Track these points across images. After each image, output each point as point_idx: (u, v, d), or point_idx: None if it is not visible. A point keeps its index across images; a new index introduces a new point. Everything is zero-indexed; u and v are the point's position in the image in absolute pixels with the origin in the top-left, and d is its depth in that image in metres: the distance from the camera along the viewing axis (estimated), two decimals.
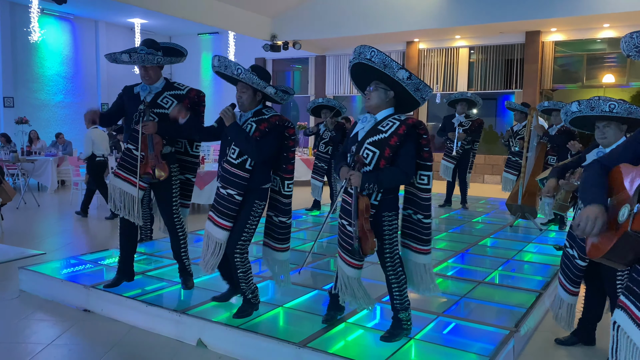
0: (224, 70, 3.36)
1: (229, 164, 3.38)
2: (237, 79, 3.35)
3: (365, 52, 2.99)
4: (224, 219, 3.41)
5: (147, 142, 3.75)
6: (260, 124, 3.37)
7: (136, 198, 3.82)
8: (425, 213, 3.13)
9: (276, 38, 14.15)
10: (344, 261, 3.10)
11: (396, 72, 2.93)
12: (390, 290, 3.19)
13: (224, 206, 3.40)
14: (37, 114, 13.66)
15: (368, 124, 3.08)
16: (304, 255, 5.23)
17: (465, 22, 12.09)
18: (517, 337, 3.24)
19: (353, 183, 2.92)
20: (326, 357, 2.92)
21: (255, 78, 3.30)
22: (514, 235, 6.34)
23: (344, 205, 3.09)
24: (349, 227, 3.00)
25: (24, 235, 6.65)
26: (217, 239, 3.44)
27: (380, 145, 2.97)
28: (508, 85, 13.29)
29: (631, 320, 1.75)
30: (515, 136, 7.53)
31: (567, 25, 11.95)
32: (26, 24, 12.24)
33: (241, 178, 3.36)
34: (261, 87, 3.35)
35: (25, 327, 3.71)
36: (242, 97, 3.41)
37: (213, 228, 3.45)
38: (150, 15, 13.75)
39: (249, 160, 3.36)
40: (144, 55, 3.76)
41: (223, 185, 3.40)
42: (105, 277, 4.38)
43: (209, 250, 3.47)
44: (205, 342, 3.37)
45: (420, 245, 3.18)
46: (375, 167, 2.98)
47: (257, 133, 3.34)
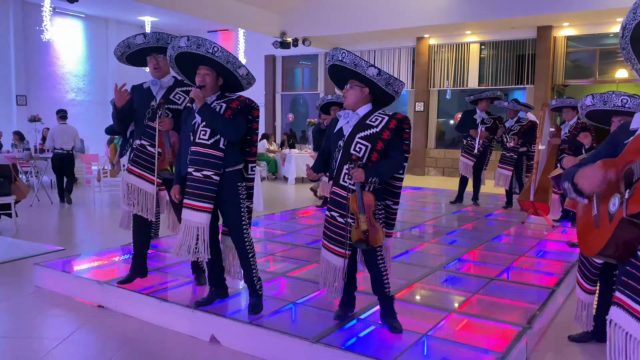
0: (196, 49, 3.26)
1: (201, 146, 3.30)
2: (212, 58, 3.26)
3: (337, 54, 3.13)
4: (204, 201, 3.30)
5: (163, 138, 3.77)
6: (231, 103, 3.36)
7: (151, 195, 3.84)
8: (395, 200, 3.34)
9: (286, 35, 14.16)
10: (331, 251, 3.17)
11: (366, 69, 3.08)
12: (380, 280, 3.21)
13: (202, 189, 3.30)
14: (50, 112, 13.75)
15: (352, 120, 3.17)
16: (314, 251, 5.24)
17: (475, 17, 12.01)
18: (530, 334, 3.23)
19: (357, 179, 3.00)
20: (339, 353, 2.93)
21: (232, 56, 3.28)
22: (526, 232, 6.30)
23: (335, 199, 3.16)
24: (340, 219, 3.12)
25: (38, 232, 6.72)
26: (199, 223, 3.32)
27: (372, 139, 3.09)
28: (519, 81, 13.19)
29: (630, 315, 1.72)
30: (508, 132, 7.53)
31: (579, 19, 11.83)
32: (38, 23, 12.36)
33: (216, 157, 3.30)
34: (236, 67, 3.32)
35: (40, 322, 3.76)
36: (205, 79, 3.35)
37: (192, 214, 3.33)
38: (161, 13, 13.81)
39: (222, 140, 3.32)
40: (159, 34, 3.79)
41: (197, 168, 3.31)
42: (118, 273, 4.42)
43: (188, 236, 3.33)
44: (218, 338, 3.39)
45: (387, 229, 3.33)
46: (367, 161, 3.08)
47: (229, 112, 3.32)
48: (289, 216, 7.29)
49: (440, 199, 8.98)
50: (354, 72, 3.12)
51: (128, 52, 3.97)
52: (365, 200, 3.04)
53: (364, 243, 3.06)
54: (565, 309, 4.05)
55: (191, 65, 3.42)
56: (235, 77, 3.41)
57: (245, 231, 3.43)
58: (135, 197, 3.86)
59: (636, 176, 1.70)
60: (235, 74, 3.36)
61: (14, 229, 6.69)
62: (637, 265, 1.72)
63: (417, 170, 14.47)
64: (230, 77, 3.42)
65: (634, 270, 1.72)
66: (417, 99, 14.46)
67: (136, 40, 3.81)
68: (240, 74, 3.37)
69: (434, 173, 14.52)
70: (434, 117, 14.74)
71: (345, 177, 3.10)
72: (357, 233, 3.07)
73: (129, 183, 3.88)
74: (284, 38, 14.13)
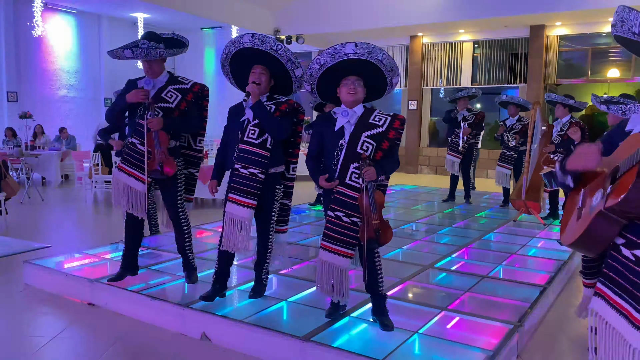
0: (260, 45, 3.36)
1: (249, 145, 3.42)
2: (273, 54, 3.37)
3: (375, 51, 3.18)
4: (249, 197, 3.41)
5: (153, 138, 3.75)
6: (280, 105, 3.48)
7: (141, 193, 3.82)
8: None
9: (279, 32, 14.13)
10: (337, 252, 3.12)
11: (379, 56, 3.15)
12: (375, 279, 3.22)
13: (248, 185, 3.41)
14: (41, 108, 13.66)
15: (353, 118, 3.16)
16: (306, 249, 5.24)
17: (469, 16, 12.04)
18: (521, 332, 3.24)
19: (370, 177, 3.01)
20: (330, 351, 2.93)
21: (293, 55, 3.40)
22: (517, 230, 6.33)
23: (340, 198, 3.11)
24: (346, 219, 3.10)
25: (28, 229, 6.67)
26: (243, 218, 3.42)
27: (378, 139, 3.11)
28: (512, 79, 13.24)
29: (609, 305, 1.76)
30: (509, 130, 7.53)
31: (571, 19, 11.88)
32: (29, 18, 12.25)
33: (263, 157, 3.42)
34: (295, 67, 3.44)
35: (29, 320, 3.73)
36: (260, 78, 3.45)
37: (237, 209, 3.42)
38: (153, 10, 13.73)
39: (269, 140, 3.44)
40: (147, 50, 3.75)
41: (244, 166, 3.41)
42: (109, 271, 4.40)
43: (235, 231, 3.41)
44: (209, 336, 3.38)
45: None
46: (372, 159, 3.10)
47: (277, 113, 3.44)
48: None
49: (433, 197, 9.00)
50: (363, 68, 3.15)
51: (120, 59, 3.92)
52: (377, 198, 3.06)
53: (376, 242, 3.06)
54: (556, 307, 4.07)
55: (243, 65, 3.51)
56: (287, 79, 3.52)
57: (272, 229, 3.62)
58: (125, 195, 3.83)
59: (621, 172, 1.73)
60: (291, 74, 3.48)
61: (3, 226, 6.63)
62: (617, 258, 1.76)
63: (410, 168, 14.49)
64: (282, 80, 3.53)
65: (614, 263, 1.76)
66: (410, 97, 14.48)
67: (125, 54, 3.78)
68: (296, 75, 3.49)
69: (427, 171, 14.56)
70: (427, 116, 14.77)
71: (353, 175, 3.07)
72: (368, 232, 3.05)
73: (119, 180, 3.85)
74: (278, 35, 14.09)
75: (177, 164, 3.94)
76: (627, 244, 1.72)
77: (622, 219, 1.71)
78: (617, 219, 1.71)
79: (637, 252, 1.69)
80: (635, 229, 1.71)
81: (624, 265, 1.73)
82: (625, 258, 1.72)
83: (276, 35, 14.04)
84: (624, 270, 1.73)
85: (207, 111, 4.08)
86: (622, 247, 1.73)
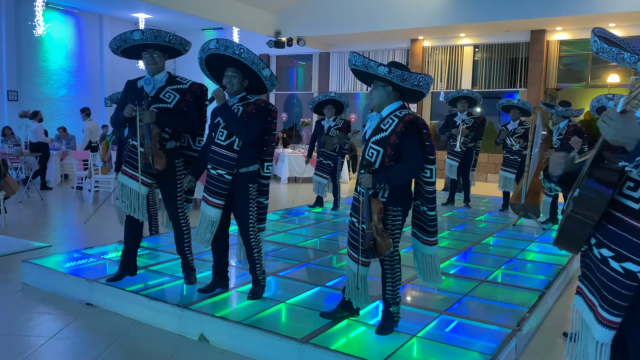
0: (224, 50, 3.45)
1: (218, 146, 3.55)
2: (237, 58, 3.44)
3: (351, 58, 3.12)
4: (216, 197, 3.58)
5: (144, 132, 3.75)
6: (247, 107, 3.55)
7: (140, 194, 3.82)
8: (430, 205, 3.20)
9: (280, 34, 14.14)
10: (350, 258, 3.18)
11: (377, 70, 3.03)
12: (384, 284, 3.23)
13: (216, 186, 3.56)
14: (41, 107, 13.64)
15: (374, 123, 3.15)
16: (305, 251, 5.23)
17: (470, 20, 12.05)
18: (519, 336, 3.24)
19: (365, 185, 2.98)
20: (328, 354, 2.92)
21: (257, 58, 3.45)
22: (516, 234, 6.33)
23: (354, 204, 3.17)
24: (357, 224, 3.08)
25: (27, 228, 6.66)
26: (210, 217, 3.60)
27: (383, 144, 3.04)
28: (512, 84, 13.25)
29: (585, 304, 1.85)
30: (512, 135, 7.51)
31: (572, 24, 11.90)
32: (31, 18, 12.26)
33: (230, 158, 3.53)
34: (260, 68, 3.49)
35: (27, 320, 3.72)
36: (232, 80, 3.54)
37: (207, 207, 3.61)
38: (155, 10, 13.74)
39: (236, 141, 3.53)
40: (157, 31, 3.79)
41: (213, 166, 3.58)
42: (108, 271, 4.39)
43: (202, 227, 3.62)
44: (207, 337, 3.38)
45: (425, 237, 3.27)
46: (381, 166, 3.02)
47: (244, 115, 3.52)
48: (280, 215, 7.28)
49: None
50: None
51: (124, 47, 3.91)
52: (372, 207, 2.98)
53: (371, 252, 3.00)
54: (554, 312, 4.06)
55: (220, 68, 3.62)
56: (259, 80, 3.58)
57: (252, 228, 3.67)
58: (127, 197, 3.84)
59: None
60: (260, 75, 3.54)
61: (2, 225, 6.63)
62: (590, 257, 1.83)
63: None
64: (255, 80, 3.60)
65: (588, 261, 1.84)
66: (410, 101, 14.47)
67: (134, 36, 3.78)
68: (264, 75, 3.55)
69: None
70: (427, 119, 14.77)
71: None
72: (365, 241, 3.01)
73: (122, 183, 3.87)
74: (279, 37, 14.10)
75: (177, 163, 3.94)
76: (597, 243, 1.79)
77: (586, 219, 1.76)
78: (583, 220, 1.77)
79: (603, 252, 1.76)
80: (602, 228, 1.77)
81: (594, 264, 1.80)
82: (595, 257, 1.79)
83: (277, 37, 14.05)
84: (594, 269, 1.80)
85: (206, 111, 4.08)
86: (594, 247, 1.80)
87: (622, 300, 1.73)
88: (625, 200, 1.73)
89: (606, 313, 1.77)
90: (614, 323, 1.77)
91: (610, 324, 1.77)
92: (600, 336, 1.79)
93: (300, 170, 12.19)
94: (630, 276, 1.70)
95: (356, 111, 15.11)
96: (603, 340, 1.80)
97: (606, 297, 1.75)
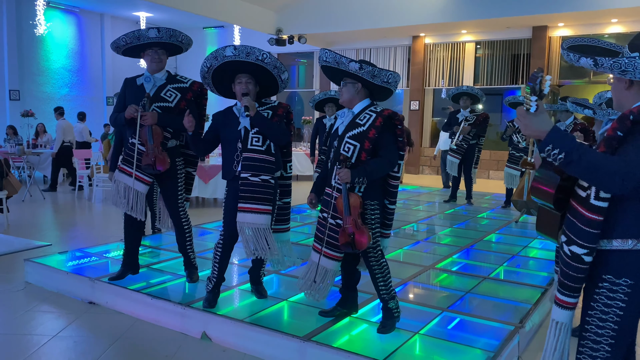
0: (245, 57, 3.31)
1: (255, 152, 3.39)
2: (260, 64, 3.35)
3: (322, 54, 3.13)
4: (264, 204, 3.38)
5: (146, 133, 3.74)
6: (277, 110, 3.50)
7: (139, 192, 3.81)
8: (391, 199, 3.27)
9: (281, 32, 14.12)
10: (314, 250, 3.18)
11: (348, 66, 3.03)
12: (375, 282, 3.21)
13: (262, 192, 3.39)
14: (43, 107, 13.68)
15: (347, 118, 3.17)
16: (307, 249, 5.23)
17: (471, 16, 12.02)
18: (522, 333, 3.23)
19: (343, 180, 2.97)
20: (330, 351, 2.92)
21: (278, 61, 3.40)
22: (519, 231, 6.32)
23: (326, 199, 3.16)
24: (331, 220, 3.09)
25: (29, 227, 6.67)
26: (262, 224, 3.38)
27: (360, 139, 3.05)
28: (514, 80, 13.22)
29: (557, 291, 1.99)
30: (519, 132, 7.47)
31: (574, 20, 11.86)
32: (32, 17, 12.27)
33: (270, 162, 3.44)
34: (281, 72, 3.44)
35: (30, 319, 3.73)
36: (248, 87, 3.44)
37: (254, 216, 3.37)
38: (156, 9, 13.74)
39: (272, 145, 3.46)
40: (172, 31, 3.78)
41: (254, 174, 3.38)
42: (110, 269, 4.40)
43: (255, 240, 3.39)
44: (209, 335, 3.38)
45: (384, 230, 3.32)
46: (357, 160, 3.04)
47: (275, 118, 3.47)
48: None
49: (434, 198, 8.99)
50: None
51: (135, 44, 3.86)
52: (351, 201, 3.00)
53: (350, 246, 3.01)
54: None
55: (223, 73, 3.46)
56: (271, 83, 3.52)
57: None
58: (124, 195, 3.83)
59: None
60: (278, 79, 3.48)
61: (5, 224, 6.64)
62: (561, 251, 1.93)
63: (411, 169, 14.48)
64: (266, 83, 3.52)
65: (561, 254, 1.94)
66: (412, 98, 14.46)
67: (149, 34, 3.77)
68: (282, 79, 3.49)
69: (429, 172, 14.54)
70: (429, 116, 14.75)
71: (337, 177, 3.06)
72: (344, 236, 3.02)
73: (120, 181, 3.85)
74: (280, 35, 14.09)
75: (177, 162, 3.94)
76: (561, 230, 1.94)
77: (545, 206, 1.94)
78: (544, 206, 1.96)
79: (561, 237, 1.91)
80: (566, 217, 1.90)
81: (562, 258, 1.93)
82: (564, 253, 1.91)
83: (278, 34, 14.04)
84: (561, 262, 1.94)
85: (205, 110, 4.08)
86: (563, 244, 1.91)
87: (571, 281, 1.88)
88: (577, 189, 1.87)
89: (559, 293, 1.93)
90: (566, 303, 1.92)
91: (563, 303, 1.93)
92: (555, 315, 1.96)
93: (303, 169, 12.24)
94: (576, 259, 1.83)
95: None
96: (558, 318, 1.95)
97: (560, 278, 1.92)
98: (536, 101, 1.74)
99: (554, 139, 1.73)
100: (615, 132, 1.76)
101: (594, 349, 1.87)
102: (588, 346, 1.89)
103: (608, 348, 1.85)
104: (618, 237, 1.81)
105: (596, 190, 1.77)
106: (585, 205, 1.80)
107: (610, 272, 1.83)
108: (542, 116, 1.75)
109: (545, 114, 1.77)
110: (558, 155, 1.71)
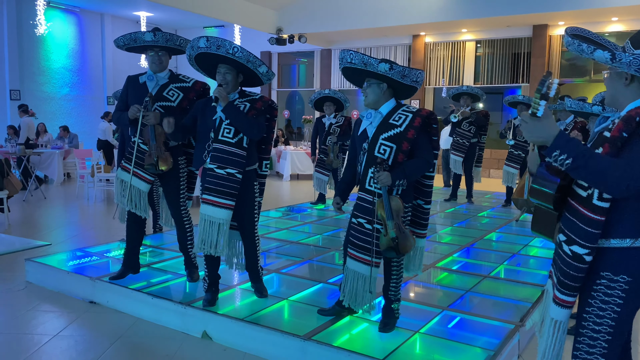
0: (216, 50, 3.30)
1: (225, 144, 3.36)
2: (232, 58, 3.31)
3: (346, 56, 3.03)
4: (226, 198, 3.36)
5: (148, 133, 3.75)
6: (256, 103, 3.45)
7: (140, 190, 3.82)
8: (426, 199, 3.23)
9: (282, 31, 14.11)
10: (359, 260, 3.04)
11: (377, 67, 2.94)
12: (388, 281, 3.21)
13: (225, 186, 3.35)
14: (43, 106, 13.67)
15: (376, 120, 3.06)
16: (307, 248, 5.23)
17: (471, 15, 12.01)
18: (522, 332, 3.24)
19: (384, 183, 2.88)
20: (331, 350, 2.92)
21: (251, 55, 3.33)
22: (519, 230, 6.32)
23: (361, 204, 3.05)
24: (367, 225, 3.00)
25: (30, 227, 6.68)
26: (220, 219, 3.37)
27: (397, 140, 2.96)
28: (515, 79, 13.21)
29: (551, 286, 2.00)
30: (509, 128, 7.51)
31: (575, 18, 11.84)
32: (32, 17, 12.27)
33: (240, 156, 3.38)
34: (256, 66, 3.37)
35: (31, 318, 3.74)
36: (226, 77, 3.41)
37: (214, 210, 3.36)
38: (156, 8, 13.73)
39: (245, 139, 3.41)
40: (169, 35, 3.77)
41: (220, 166, 3.35)
42: (111, 269, 4.40)
43: (213, 234, 3.38)
44: (210, 335, 3.38)
45: (418, 230, 3.26)
46: (394, 162, 2.96)
47: (252, 112, 3.41)
48: (283, 212, 7.28)
49: (435, 197, 8.98)
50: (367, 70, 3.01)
51: (132, 45, 3.91)
52: (393, 205, 2.91)
53: (394, 251, 2.94)
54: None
55: (211, 63, 3.47)
56: (254, 73, 3.48)
57: (255, 226, 3.61)
58: (126, 193, 3.84)
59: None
60: (256, 72, 3.43)
61: (6, 223, 6.65)
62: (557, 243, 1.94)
63: None
64: (249, 73, 3.49)
65: (557, 247, 1.95)
66: (413, 97, 14.46)
67: (145, 37, 3.77)
68: (260, 72, 3.44)
69: None
70: None
71: (372, 181, 2.97)
72: (386, 241, 2.93)
73: (121, 179, 3.86)
74: (280, 34, 14.08)
75: (179, 161, 3.95)
76: (559, 230, 1.93)
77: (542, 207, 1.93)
78: (540, 207, 1.94)
79: (560, 237, 1.90)
80: (563, 216, 1.90)
81: (557, 248, 1.94)
82: (557, 242, 1.93)
83: (279, 34, 14.03)
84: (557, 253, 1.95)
85: None
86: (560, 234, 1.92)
87: (571, 280, 1.87)
88: (577, 189, 1.86)
89: (558, 292, 1.93)
90: (565, 302, 1.93)
91: (562, 302, 1.93)
92: (554, 313, 1.97)
93: (304, 168, 12.25)
94: (577, 259, 1.83)
95: (358, 108, 15.08)
96: (556, 317, 1.97)
97: (559, 277, 1.91)
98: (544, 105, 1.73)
99: (561, 144, 1.72)
100: (621, 133, 1.75)
101: (590, 346, 1.88)
102: (585, 342, 1.89)
103: (605, 345, 1.85)
104: (617, 235, 1.81)
105: (599, 191, 1.77)
106: (587, 206, 1.80)
107: (608, 269, 1.83)
108: (548, 120, 1.74)
109: (552, 118, 1.76)
110: (565, 160, 1.71)
